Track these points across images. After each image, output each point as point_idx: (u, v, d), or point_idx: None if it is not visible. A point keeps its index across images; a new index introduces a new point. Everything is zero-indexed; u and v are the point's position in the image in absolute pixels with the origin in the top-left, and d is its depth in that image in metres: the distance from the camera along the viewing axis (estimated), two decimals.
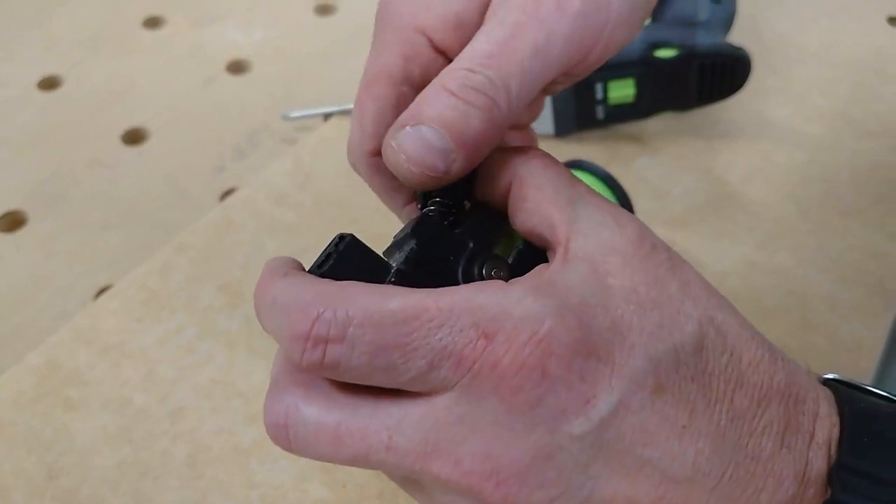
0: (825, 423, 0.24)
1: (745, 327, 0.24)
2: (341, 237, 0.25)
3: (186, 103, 0.58)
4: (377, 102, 0.27)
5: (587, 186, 0.26)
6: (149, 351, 0.43)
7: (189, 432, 0.40)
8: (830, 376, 0.26)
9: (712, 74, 0.50)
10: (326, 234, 0.50)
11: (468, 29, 0.26)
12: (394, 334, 0.22)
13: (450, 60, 0.26)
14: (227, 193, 0.52)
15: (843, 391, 0.25)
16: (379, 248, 0.28)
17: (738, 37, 0.57)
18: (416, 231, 0.25)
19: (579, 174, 0.38)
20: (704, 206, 0.49)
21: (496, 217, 0.27)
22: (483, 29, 0.25)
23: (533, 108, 0.32)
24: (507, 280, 0.24)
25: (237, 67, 0.60)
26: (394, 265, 0.25)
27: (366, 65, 0.28)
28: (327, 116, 0.55)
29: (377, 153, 0.27)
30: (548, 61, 0.25)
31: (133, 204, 0.51)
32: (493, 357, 0.21)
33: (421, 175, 0.25)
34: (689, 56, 0.49)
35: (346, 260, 0.24)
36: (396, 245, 0.26)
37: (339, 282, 0.23)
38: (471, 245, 0.26)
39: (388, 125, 0.26)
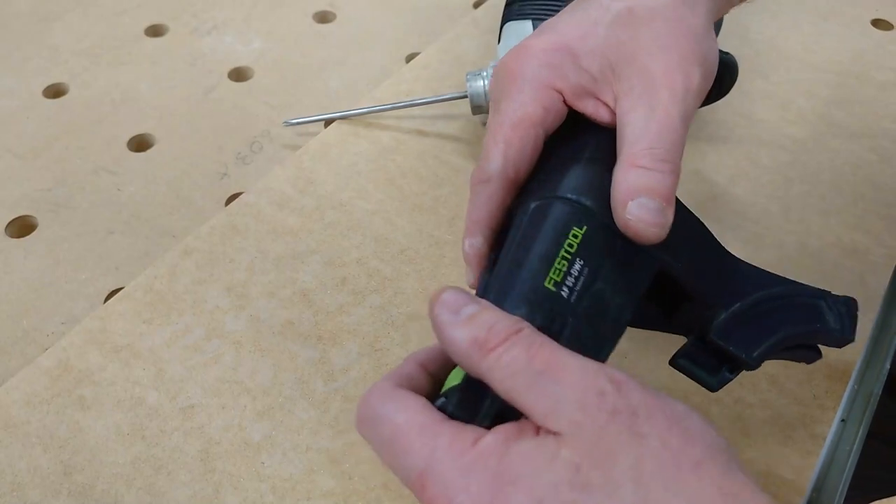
0: None
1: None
2: None
3: (189, 110, 0.59)
4: (522, 141, 0.34)
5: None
6: (158, 351, 0.44)
7: (199, 428, 0.41)
8: None
9: None
10: (328, 238, 0.51)
11: (590, 95, 0.34)
12: None
13: (574, 110, 0.35)
14: (231, 199, 0.53)
15: None
16: (376, 251, 0.29)
17: (725, 41, 0.59)
18: None
19: None
20: (692, 208, 0.51)
21: None
22: (642, 112, 0.32)
23: None
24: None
25: (238, 75, 0.62)
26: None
27: (504, 110, 0.34)
28: (328, 122, 0.57)
29: (511, 178, 0.34)
30: (688, 124, 0.33)
31: (138, 210, 0.53)
32: None
33: (656, 234, 0.31)
34: None
35: None
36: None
37: None
38: None
39: (526, 159, 0.34)
